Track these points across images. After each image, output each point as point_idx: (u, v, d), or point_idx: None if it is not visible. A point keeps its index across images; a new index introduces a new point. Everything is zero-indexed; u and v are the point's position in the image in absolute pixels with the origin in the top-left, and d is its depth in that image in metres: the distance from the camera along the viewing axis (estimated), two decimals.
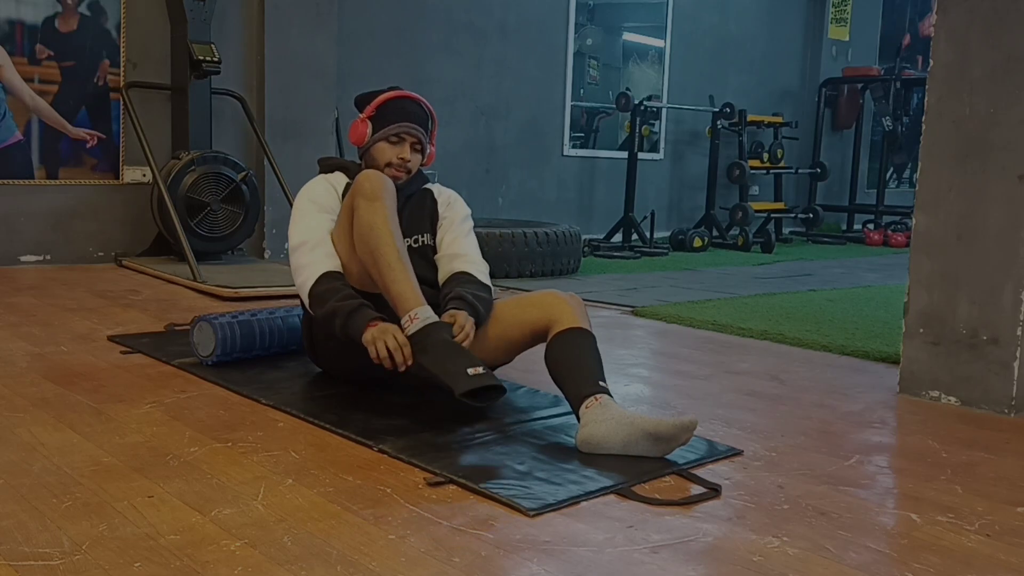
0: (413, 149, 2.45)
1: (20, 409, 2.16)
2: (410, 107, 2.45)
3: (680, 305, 4.11)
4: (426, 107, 2.49)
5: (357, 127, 2.45)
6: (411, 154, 2.44)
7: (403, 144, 2.43)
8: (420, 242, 2.46)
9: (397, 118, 2.42)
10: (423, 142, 2.47)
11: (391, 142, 2.43)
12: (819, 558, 1.50)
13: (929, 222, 2.56)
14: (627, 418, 1.94)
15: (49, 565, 1.36)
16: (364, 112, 2.45)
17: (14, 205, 4.57)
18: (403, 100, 2.46)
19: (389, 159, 2.43)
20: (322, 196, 2.40)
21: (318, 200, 2.39)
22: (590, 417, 1.97)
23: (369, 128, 2.43)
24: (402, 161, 2.43)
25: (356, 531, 1.53)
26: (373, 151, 2.44)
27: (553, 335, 2.18)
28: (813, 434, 2.22)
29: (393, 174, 2.42)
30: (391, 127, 2.42)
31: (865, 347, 3.23)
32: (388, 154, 2.43)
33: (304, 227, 2.34)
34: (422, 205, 2.51)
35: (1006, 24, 2.40)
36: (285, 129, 5.24)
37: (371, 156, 2.45)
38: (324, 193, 2.41)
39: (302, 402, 2.27)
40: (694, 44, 7.97)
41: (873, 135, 9.44)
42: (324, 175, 2.50)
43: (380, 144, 2.43)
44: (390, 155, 2.43)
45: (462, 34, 6.37)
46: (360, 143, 2.45)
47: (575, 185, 7.27)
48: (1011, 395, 2.42)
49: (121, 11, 4.77)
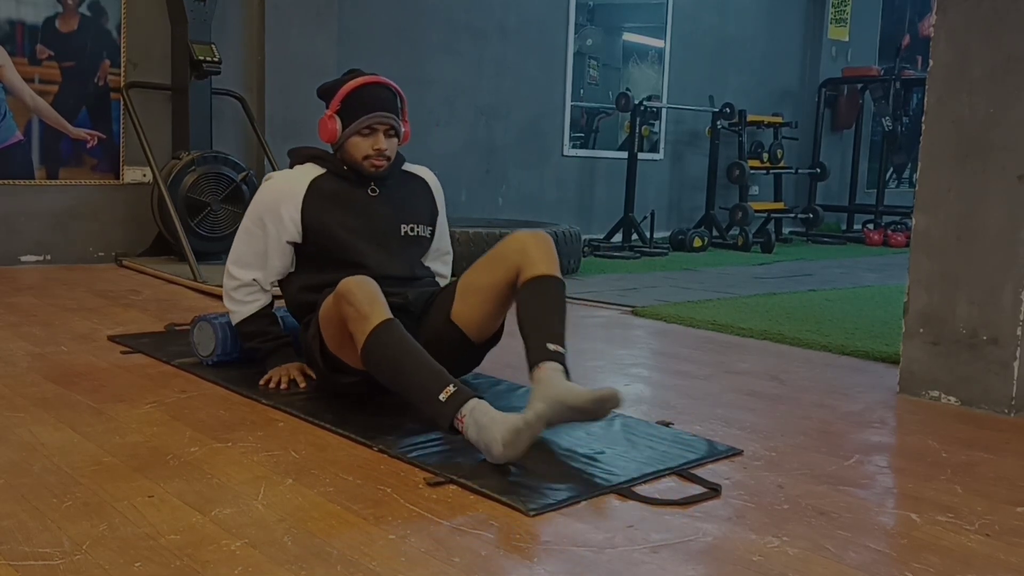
0: (387, 136, 2.38)
1: (20, 409, 2.16)
2: (376, 93, 2.37)
3: (680, 305, 4.11)
4: (392, 88, 2.41)
5: (326, 124, 2.38)
6: (386, 141, 2.38)
7: (376, 134, 2.36)
8: (416, 232, 2.45)
9: (365, 109, 2.35)
10: (396, 127, 2.40)
11: (363, 135, 2.36)
12: (819, 558, 1.50)
13: (929, 222, 2.56)
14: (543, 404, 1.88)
15: (49, 565, 1.36)
16: (330, 107, 2.38)
17: (14, 205, 4.57)
18: (367, 88, 2.37)
19: (365, 152, 2.37)
20: (266, 214, 2.37)
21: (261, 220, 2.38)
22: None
23: (338, 123, 2.37)
24: (379, 151, 2.37)
25: (356, 531, 1.53)
26: (347, 147, 2.38)
27: (520, 285, 2.18)
28: (813, 434, 2.22)
29: (372, 164, 2.38)
30: (361, 120, 2.35)
31: (865, 347, 3.23)
32: (363, 147, 2.37)
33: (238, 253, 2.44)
34: (417, 193, 2.50)
35: (1006, 24, 2.40)
36: (285, 129, 5.24)
37: (346, 152, 2.39)
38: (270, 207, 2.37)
39: (302, 402, 2.27)
40: (694, 44, 7.97)
41: (873, 135, 9.43)
42: (289, 171, 2.46)
43: (353, 139, 2.37)
44: (365, 148, 2.36)
45: (462, 34, 6.37)
46: (332, 140, 2.39)
47: (575, 185, 7.27)
48: (1011, 395, 2.42)
49: (121, 11, 4.78)
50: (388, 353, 1.99)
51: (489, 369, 2.66)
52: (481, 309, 2.30)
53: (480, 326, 2.32)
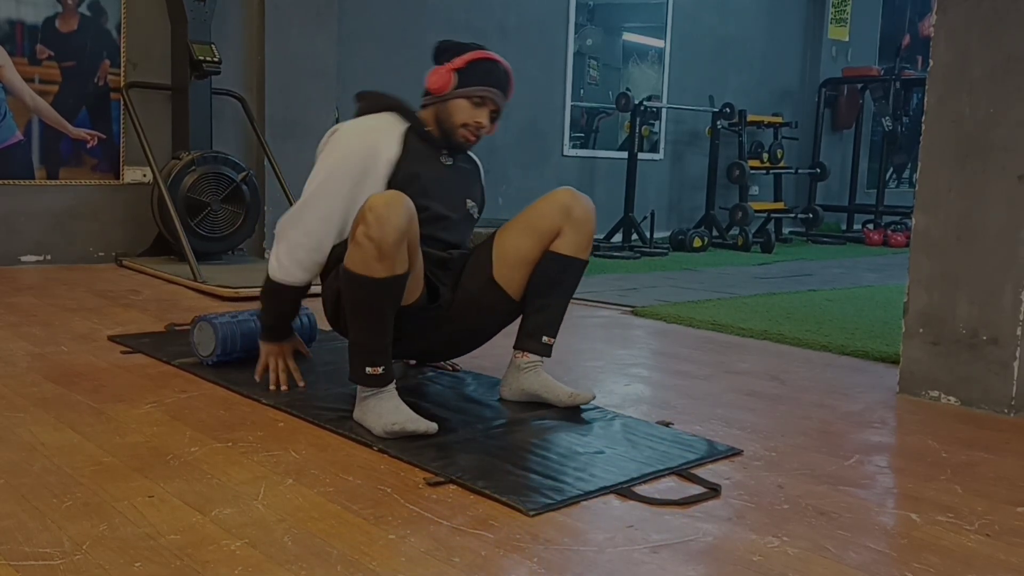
0: (491, 117, 2.33)
1: (20, 409, 2.16)
2: (501, 74, 2.32)
3: (680, 305, 4.11)
4: (513, 81, 2.36)
5: (441, 74, 2.27)
6: (487, 119, 2.32)
7: (483, 108, 2.30)
8: (472, 210, 2.43)
9: (488, 81, 2.29)
10: (500, 112, 2.35)
11: (474, 102, 2.28)
12: (819, 558, 1.50)
13: (929, 222, 2.56)
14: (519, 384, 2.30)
15: (50, 565, 1.36)
16: (452, 62, 2.29)
17: (14, 205, 4.57)
18: (497, 64, 2.32)
19: (465, 120, 2.29)
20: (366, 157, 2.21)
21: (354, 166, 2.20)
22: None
23: (454, 80, 2.28)
24: (478, 125, 2.29)
25: (356, 531, 1.53)
26: (451, 105, 2.29)
27: (549, 250, 2.29)
28: (813, 434, 2.22)
29: (464, 136, 2.31)
30: (479, 88, 2.28)
31: (865, 347, 3.23)
32: (466, 114, 2.28)
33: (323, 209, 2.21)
34: (474, 174, 2.47)
35: (1006, 24, 2.40)
36: (285, 129, 5.24)
37: (445, 109, 2.30)
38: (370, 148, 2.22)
39: (302, 402, 2.27)
40: (694, 44, 7.97)
41: (873, 135, 9.44)
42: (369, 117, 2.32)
43: (461, 101, 2.28)
44: (467, 116, 2.29)
45: (462, 34, 6.36)
46: (441, 91, 2.28)
47: (575, 185, 7.17)
48: (1011, 395, 2.42)
49: (121, 11, 4.78)
50: (365, 302, 2.00)
51: (490, 369, 2.67)
52: (524, 270, 2.33)
53: (522, 285, 2.34)
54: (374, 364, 2.04)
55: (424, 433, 2.00)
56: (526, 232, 2.32)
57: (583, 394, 2.28)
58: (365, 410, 2.07)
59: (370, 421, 2.04)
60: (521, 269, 2.33)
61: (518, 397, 2.33)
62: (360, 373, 2.05)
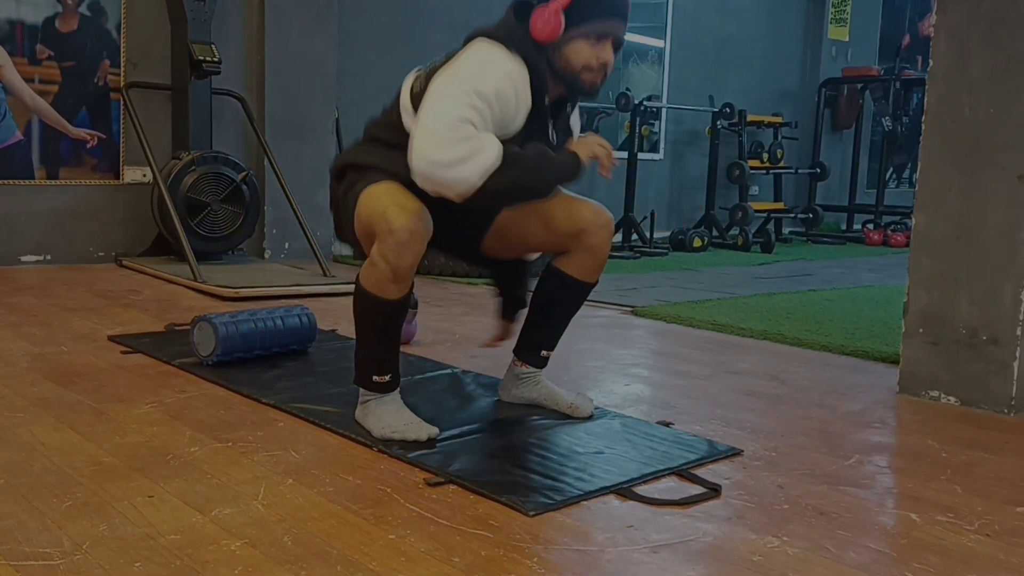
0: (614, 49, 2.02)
1: (20, 409, 2.16)
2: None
3: (680, 305, 4.11)
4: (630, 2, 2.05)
5: (548, 18, 1.93)
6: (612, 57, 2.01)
7: (606, 43, 1.98)
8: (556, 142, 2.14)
9: (603, 13, 1.97)
10: (623, 45, 2.06)
11: (593, 41, 1.97)
12: (819, 558, 1.50)
13: (929, 222, 2.56)
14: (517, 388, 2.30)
15: (50, 565, 1.36)
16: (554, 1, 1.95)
17: (14, 205, 4.57)
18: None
19: (587, 61, 1.98)
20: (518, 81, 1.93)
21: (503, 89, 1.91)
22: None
23: (563, 20, 1.94)
24: (603, 64, 1.99)
25: (356, 531, 1.53)
26: (567, 51, 1.97)
27: (558, 265, 2.19)
28: (813, 434, 2.22)
29: (591, 80, 2.00)
30: (596, 23, 1.96)
31: (865, 347, 3.23)
32: (587, 55, 1.98)
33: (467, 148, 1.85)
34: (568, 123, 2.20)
35: (1006, 24, 2.40)
36: (285, 129, 5.24)
37: (563, 56, 1.98)
38: (515, 77, 1.93)
39: (302, 402, 2.27)
40: (694, 44, 7.97)
41: (873, 135, 9.43)
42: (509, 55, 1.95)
43: (578, 43, 1.97)
44: (589, 56, 1.98)
45: (462, 34, 6.28)
46: (553, 38, 1.95)
47: (575, 185, 7.25)
48: (1011, 395, 2.42)
49: (121, 11, 4.78)
50: (378, 320, 2.00)
51: (490, 369, 2.67)
52: (516, 251, 2.27)
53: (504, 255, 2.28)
54: (382, 372, 2.06)
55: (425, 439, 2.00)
56: (536, 227, 2.17)
57: (583, 408, 2.25)
58: (366, 412, 2.08)
59: (370, 423, 2.05)
60: (514, 249, 2.26)
61: (517, 402, 2.34)
62: (367, 379, 2.07)
